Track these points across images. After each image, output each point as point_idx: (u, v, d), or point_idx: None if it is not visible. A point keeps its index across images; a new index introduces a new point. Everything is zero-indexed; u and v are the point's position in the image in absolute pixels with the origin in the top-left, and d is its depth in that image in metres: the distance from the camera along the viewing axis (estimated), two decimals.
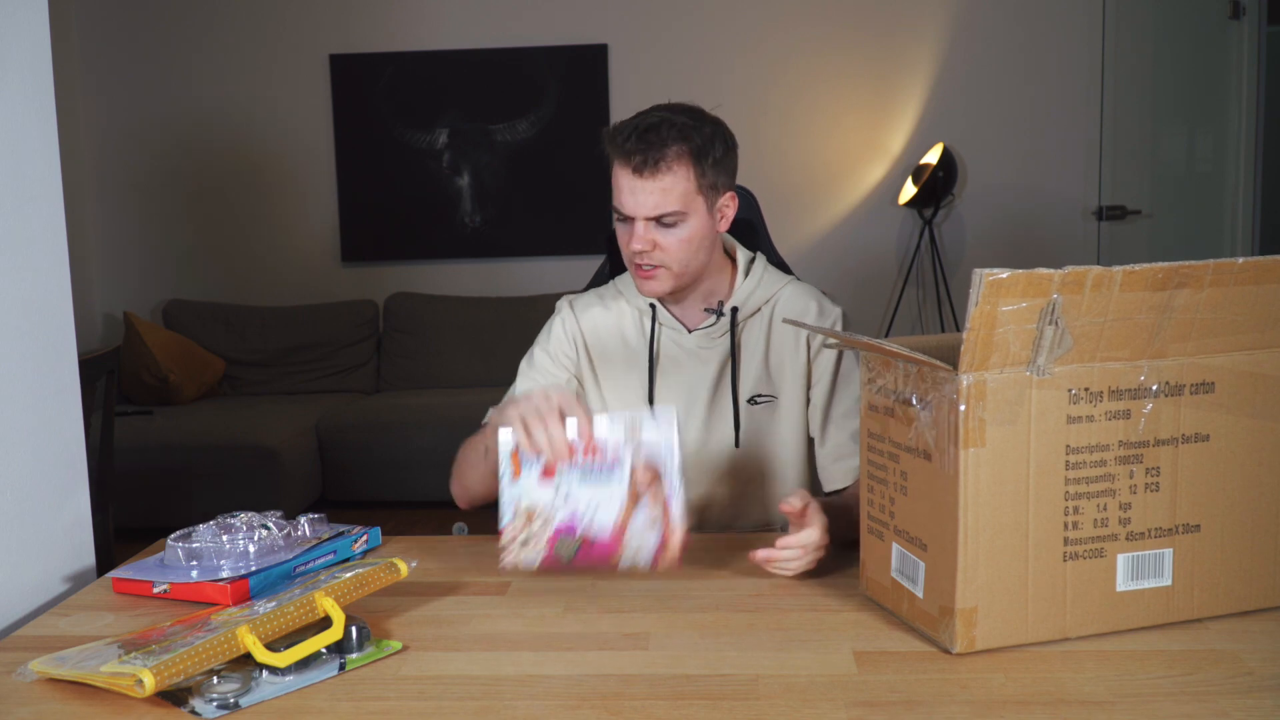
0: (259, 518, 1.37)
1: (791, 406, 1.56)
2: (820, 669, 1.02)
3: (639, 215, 1.43)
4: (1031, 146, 4.63)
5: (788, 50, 4.63)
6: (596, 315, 1.60)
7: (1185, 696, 0.94)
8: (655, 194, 1.42)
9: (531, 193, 4.78)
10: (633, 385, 1.58)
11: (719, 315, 1.55)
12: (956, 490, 1.00)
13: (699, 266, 1.50)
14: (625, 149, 1.42)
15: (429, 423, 4.14)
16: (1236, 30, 4.10)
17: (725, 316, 1.55)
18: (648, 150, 1.41)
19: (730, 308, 1.55)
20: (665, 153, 1.41)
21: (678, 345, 1.57)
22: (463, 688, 1.01)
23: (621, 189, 1.44)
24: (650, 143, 1.41)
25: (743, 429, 1.55)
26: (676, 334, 1.57)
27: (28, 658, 1.08)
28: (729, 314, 1.55)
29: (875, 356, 1.13)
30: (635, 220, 1.44)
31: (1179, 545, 1.07)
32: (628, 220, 1.46)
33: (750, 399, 1.56)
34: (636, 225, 1.44)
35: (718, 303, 1.56)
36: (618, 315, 1.60)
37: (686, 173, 1.42)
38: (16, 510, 1.34)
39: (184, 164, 4.85)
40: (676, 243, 1.45)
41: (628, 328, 1.60)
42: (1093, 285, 0.97)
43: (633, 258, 1.47)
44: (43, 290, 1.40)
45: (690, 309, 1.57)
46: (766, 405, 1.56)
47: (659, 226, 1.44)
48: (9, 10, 1.35)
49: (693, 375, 1.56)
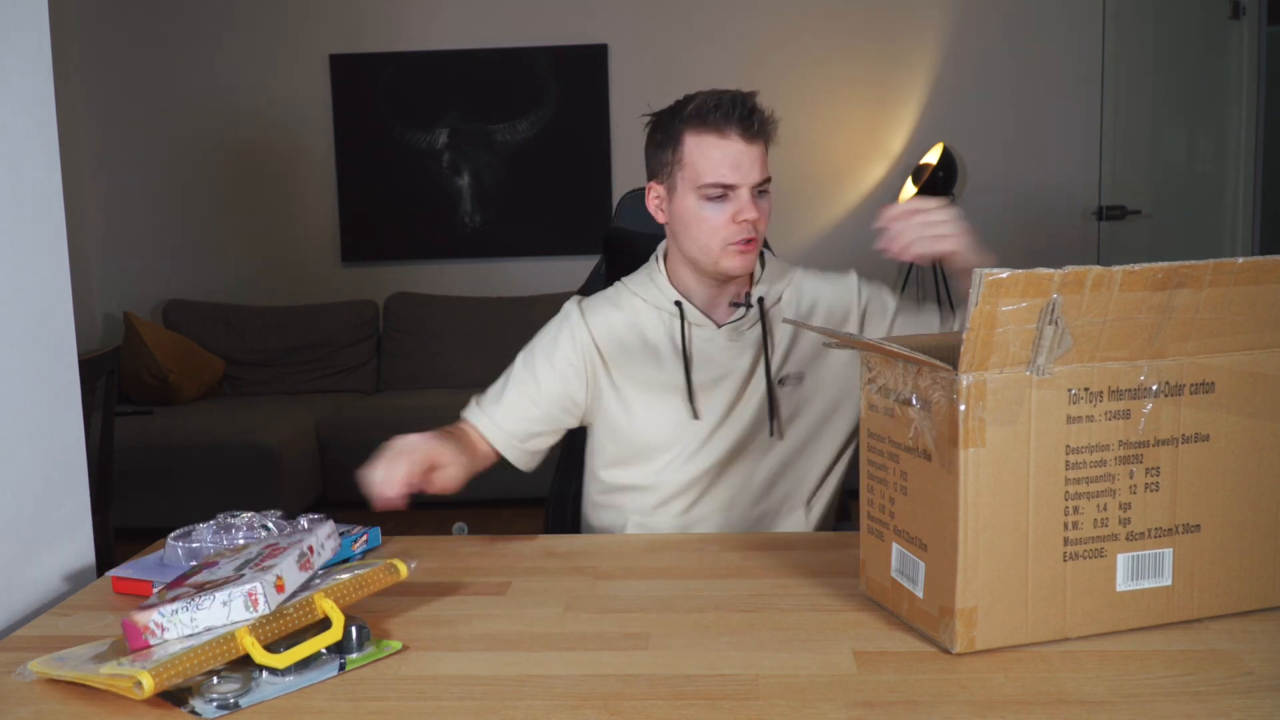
0: (259, 518, 1.37)
1: (818, 383, 1.60)
2: (820, 669, 1.02)
3: (749, 183, 1.47)
4: (1031, 146, 4.63)
5: (788, 50, 4.63)
6: (610, 317, 1.60)
7: (1185, 696, 0.94)
8: (759, 160, 1.48)
9: (531, 193, 4.78)
10: (663, 384, 1.58)
11: (748, 307, 1.57)
12: (956, 490, 1.00)
13: None
14: (731, 118, 1.46)
15: (429, 423, 4.08)
16: (1236, 30, 4.10)
17: (754, 307, 1.57)
18: (752, 115, 1.47)
19: (757, 298, 1.57)
20: (761, 118, 1.48)
21: (708, 342, 1.57)
22: (463, 688, 1.00)
23: (723, 161, 1.47)
24: (752, 109, 1.48)
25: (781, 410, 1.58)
26: (704, 329, 1.57)
27: (28, 658, 1.08)
28: (757, 304, 1.57)
29: (875, 356, 1.13)
30: (740, 189, 1.47)
31: (1179, 545, 1.07)
32: (729, 194, 1.47)
33: (779, 380, 1.58)
34: (742, 194, 1.47)
35: (744, 294, 1.57)
36: (633, 315, 1.60)
37: (768, 141, 1.51)
38: (16, 510, 1.34)
39: (184, 164, 4.85)
40: (765, 212, 1.51)
41: (648, 327, 1.59)
42: (1093, 285, 0.97)
43: (735, 234, 1.48)
44: (43, 290, 1.40)
45: (719, 303, 1.58)
46: (794, 386, 1.59)
47: (759, 195, 1.49)
48: (9, 10, 1.35)
49: (726, 369, 1.57)
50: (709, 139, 1.47)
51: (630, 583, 1.29)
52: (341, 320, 4.75)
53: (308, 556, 1.13)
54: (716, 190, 1.47)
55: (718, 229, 1.48)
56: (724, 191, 1.47)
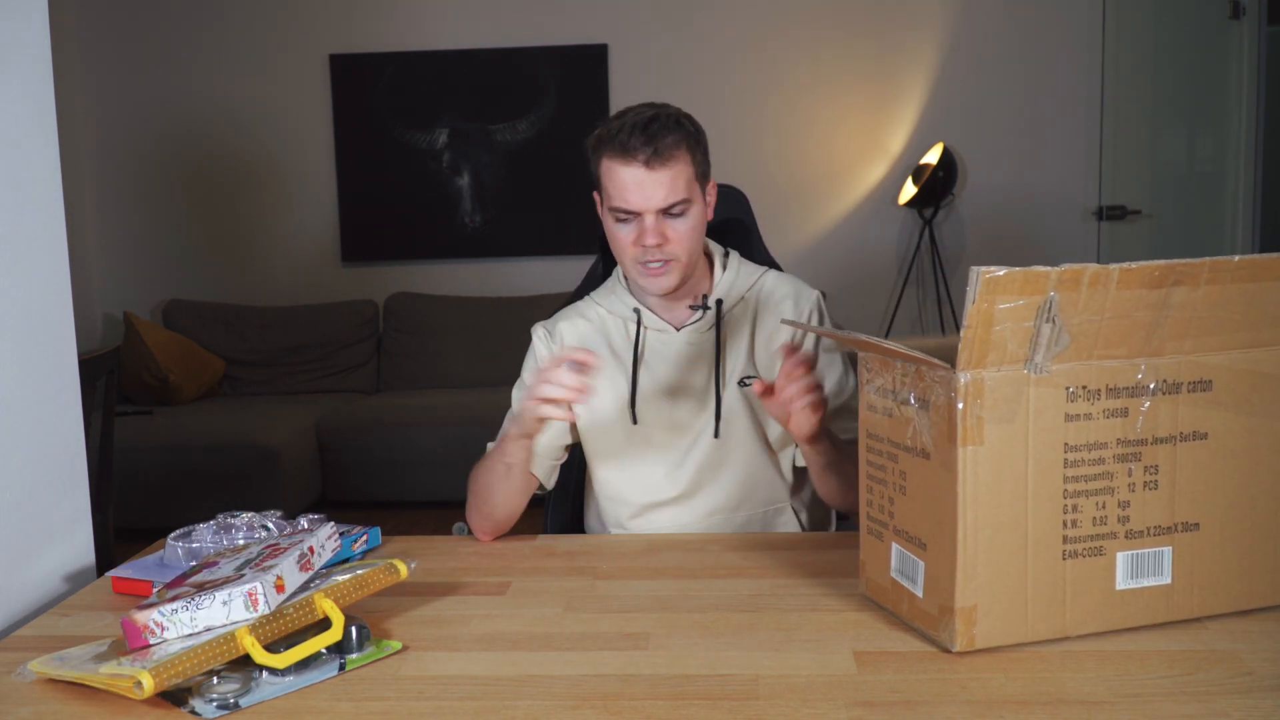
0: (259, 518, 1.37)
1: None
2: (820, 669, 1.02)
3: (650, 208, 1.45)
4: (1031, 146, 4.63)
5: (788, 50, 4.63)
6: (578, 327, 1.62)
7: (1185, 696, 0.94)
8: (664, 185, 1.44)
9: (531, 193, 4.78)
10: (616, 390, 1.58)
11: (704, 309, 1.56)
12: (955, 489, 1.00)
13: (698, 256, 1.53)
14: (630, 145, 1.43)
15: (429, 423, 4.15)
16: (1236, 30, 4.10)
17: (710, 309, 1.56)
18: (654, 141, 1.43)
19: (715, 300, 1.56)
20: (668, 141, 1.43)
21: (666, 345, 1.57)
22: (463, 688, 1.01)
23: (626, 186, 1.45)
24: (654, 134, 1.43)
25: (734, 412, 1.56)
26: (664, 334, 1.57)
27: (28, 658, 1.08)
28: (714, 306, 1.56)
29: (874, 357, 1.13)
30: (644, 216, 1.45)
31: (1178, 543, 1.07)
32: (632, 218, 1.46)
33: (740, 381, 1.56)
34: (646, 220, 1.45)
35: (701, 297, 1.57)
36: (599, 323, 1.62)
37: (687, 160, 1.46)
38: (16, 510, 1.34)
39: (184, 164, 4.85)
40: (684, 232, 1.47)
41: (612, 334, 1.61)
42: (1089, 283, 0.97)
43: (641, 256, 1.48)
44: (43, 290, 1.40)
45: (678, 308, 1.58)
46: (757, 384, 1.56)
47: (667, 218, 1.46)
48: (9, 11, 1.35)
49: (684, 373, 1.57)
50: (615, 164, 1.46)
51: (630, 583, 1.29)
52: (341, 320, 4.75)
53: (308, 557, 1.13)
54: (623, 215, 1.48)
55: (628, 249, 1.49)
56: (631, 217, 1.47)
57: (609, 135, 1.46)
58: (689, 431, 1.57)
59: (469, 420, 4.09)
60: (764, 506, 1.60)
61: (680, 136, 1.45)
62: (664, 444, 1.57)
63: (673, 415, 1.57)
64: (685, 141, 1.46)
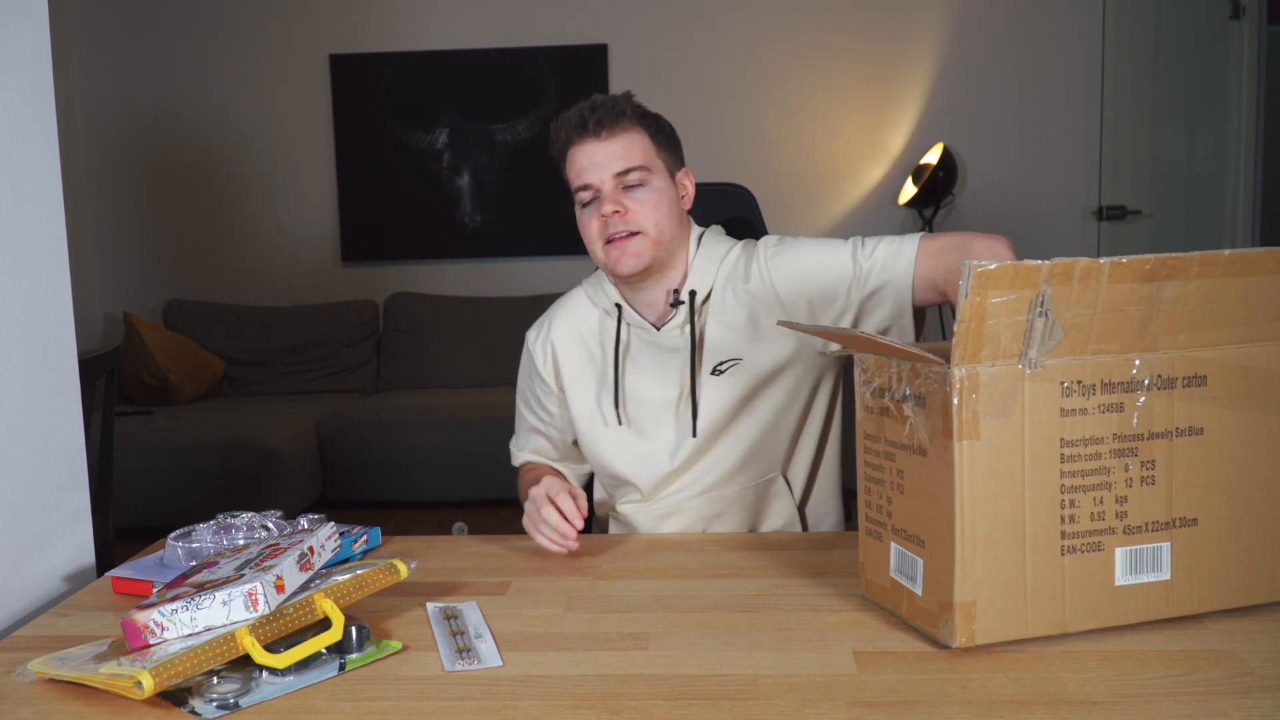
0: (259, 518, 1.38)
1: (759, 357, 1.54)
2: (820, 669, 1.02)
3: (606, 176, 1.47)
4: (1031, 146, 4.63)
5: (788, 50, 4.63)
6: (562, 327, 1.64)
7: (1185, 696, 0.94)
8: (617, 153, 1.48)
9: (531, 193, 4.78)
10: (596, 389, 1.59)
11: (678, 304, 1.55)
12: (952, 483, 1.00)
13: (671, 236, 1.51)
14: (580, 121, 1.48)
15: (429, 423, 4.15)
16: (1236, 30, 4.10)
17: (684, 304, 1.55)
18: (601, 113, 1.48)
19: (689, 292, 1.55)
20: (616, 112, 1.48)
21: (647, 343, 1.57)
22: (463, 688, 1.01)
23: (582, 163, 1.49)
24: (603, 107, 1.48)
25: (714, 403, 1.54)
26: (645, 332, 1.57)
27: (28, 658, 1.08)
28: (688, 299, 1.54)
29: (870, 357, 1.13)
30: (602, 189, 1.48)
31: (1176, 539, 1.07)
32: (594, 198, 1.49)
33: (713, 369, 1.54)
34: (604, 191, 1.48)
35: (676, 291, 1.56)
36: (581, 321, 1.62)
37: (641, 132, 1.50)
38: (16, 510, 1.34)
39: (184, 164, 4.86)
40: (645, 202, 1.48)
41: (589, 330, 1.61)
42: (1081, 276, 0.97)
43: (603, 230, 1.49)
44: (42, 290, 1.40)
45: (657, 303, 1.57)
46: (731, 369, 1.54)
47: (625, 191, 1.48)
48: (9, 12, 1.35)
49: (665, 372, 1.56)
50: (571, 151, 1.50)
51: (630, 583, 1.29)
52: (341, 320, 4.75)
53: (308, 557, 1.13)
54: (586, 194, 1.50)
55: (594, 231, 1.50)
56: (592, 194, 1.50)
57: (562, 122, 1.51)
58: (671, 431, 1.57)
59: (469, 420, 4.09)
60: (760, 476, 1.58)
61: (632, 113, 1.50)
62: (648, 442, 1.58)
63: (655, 415, 1.57)
64: (638, 117, 1.50)
